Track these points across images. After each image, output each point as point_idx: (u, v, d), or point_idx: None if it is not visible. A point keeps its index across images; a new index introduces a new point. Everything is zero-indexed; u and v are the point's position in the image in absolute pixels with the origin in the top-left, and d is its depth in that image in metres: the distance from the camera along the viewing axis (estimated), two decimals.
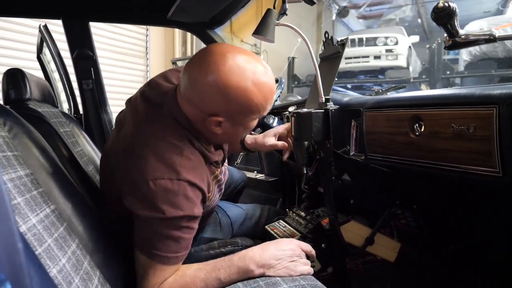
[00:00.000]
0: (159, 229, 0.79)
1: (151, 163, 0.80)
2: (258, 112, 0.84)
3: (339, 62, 1.08)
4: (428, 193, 1.02)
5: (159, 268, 0.82)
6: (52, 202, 0.77)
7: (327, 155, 1.00)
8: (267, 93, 0.82)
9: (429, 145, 0.86)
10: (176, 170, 0.80)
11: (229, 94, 0.78)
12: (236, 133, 0.90)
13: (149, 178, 0.78)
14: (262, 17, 0.99)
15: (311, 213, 1.27)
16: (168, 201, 0.78)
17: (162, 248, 0.80)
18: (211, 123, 0.83)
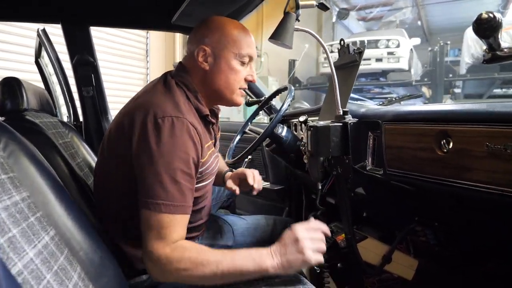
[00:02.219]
0: (164, 173, 0.82)
1: (156, 105, 0.87)
2: (235, 45, 0.98)
3: (356, 72, 1.02)
4: (453, 212, 0.96)
5: (169, 220, 0.83)
6: (51, 226, 0.70)
7: (345, 171, 0.94)
8: (243, 30, 1.00)
9: (458, 163, 0.80)
10: (180, 110, 0.88)
11: (211, 26, 1.00)
12: (221, 71, 0.99)
13: (157, 115, 0.84)
14: (281, 21, 0.93)
15: None
16: (174, 137, 0.84)
17: (168, 197, 0.82)
18: (199, 54, 0.97)
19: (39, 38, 1.73)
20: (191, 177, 0.88)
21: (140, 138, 0.85)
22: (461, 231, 1.04)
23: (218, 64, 0.99)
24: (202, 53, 0.98)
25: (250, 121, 1.59)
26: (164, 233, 0.82)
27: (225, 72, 0.99)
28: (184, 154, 0.85)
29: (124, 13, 1.46)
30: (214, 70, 0.99)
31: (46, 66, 2.03)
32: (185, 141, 0.85)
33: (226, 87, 1.01)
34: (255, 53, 1.04)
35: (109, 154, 0.98)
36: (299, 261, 0.82)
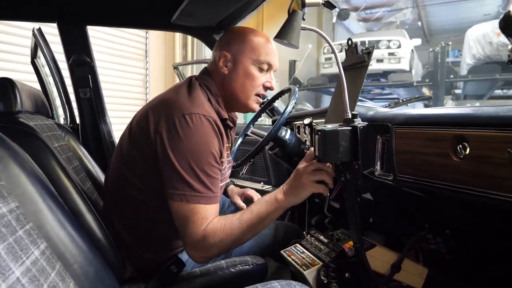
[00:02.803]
0: (197, 166, 0.88)
1: (182, 103, 0.94)
2: (254, 51, 1.03)
3: (365, 73, 0.97)
4: (466, 220, 0.91)
5: (200, 209, 0.89)
6: (42, 239, 0.65)
7: (354, 177, 0.89)
8: (264, 39, 1.06)
9: (475, 170, 0.75)
10: (207, 110, 0.95)
11: (234, 33, 1.07)
12: (238, 75, 1.04)
13: (185, 112, 0.90)
14: (287, 20, 0.88)
15: (330, 236, 1.15)
16: (203, 133, 0.90)
17: (199, 188, 0.89)
18: (220, 59, 1.05)
19: (34, 38, 1.68)
20: (218, 170, 0.95)
21: (169, 135, 0.90)
22: (475, 239, 1.00)
23: (236, 69, 1.04)
24: (223, 58, 1.05)
25: (252, 124, 1.54)
26: (200, 222, 0.89)
27: (241, 77, 1.04)
28: (212, 149, 0.91)
29: (122, 12, 1.41)
30: (232, 74, 1.05)
31: (42, 67, 1.99)
32: (212, 137, 0.92)
33: (242, 91, 1.06)
34: (275, 62, 1.09)
35: (129, 155, 1.02)
36: (302, 190, 0.94)
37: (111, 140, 1.68)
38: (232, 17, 1.45)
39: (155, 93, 4.78)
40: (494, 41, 5.90)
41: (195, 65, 4.78)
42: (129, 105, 4.40)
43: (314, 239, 1.16)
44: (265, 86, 1.09)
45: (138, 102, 4.52)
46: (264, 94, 1.11)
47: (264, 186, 2.08)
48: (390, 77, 6.99)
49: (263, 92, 1.10)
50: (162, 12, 1.39)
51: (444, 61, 6.55)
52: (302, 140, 1.43)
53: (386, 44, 6.76)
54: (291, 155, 1.33)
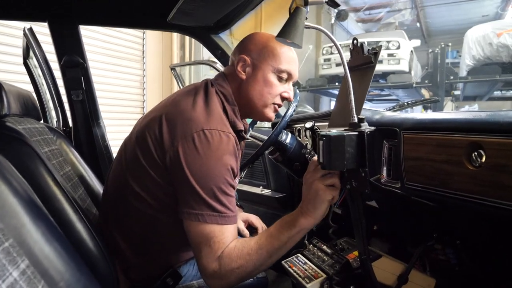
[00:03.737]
0: (215, 186, 0.84)
1: (201, 115, 0.89)
2: (274, 59, 0.99)
3: (371, 74, 0.92)
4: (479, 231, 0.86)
5: (217, 231, 0.84)
6: (23, 256, 0.60)
7: (360, 185, 0.83)
8: (286, 48, 1.01)
9: (493, 180, 0.70)
10: (225, 125, 0.91)
11: (255, 38, 1.03)
12: (256, 81, 1.00)
13: (204, 127, 0.85)
14: (290, 18, 0.82)
15: (333, 246, 1.10)
16: (221, 150, 0.85)
17: (217, 207, 0.84)
18: (239, 63, 1.01)
19: (25, 38, 1.63)
20: (234, 188, 0.90)
21: (187, 150, 0.85)
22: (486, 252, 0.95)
23: (255, 75, 1.00)
24: (242, 62, 1.01)
25: (251, 127, 1.48)
26: (217, 246, 0.84)
27: (260, 84, 1.01)
28: (229, 167, 0.87)
29: (116, 11, 1.36)
30: (250, 80, 1.01)
31: (35, 68, 1.93)
32: (231, 155, 0.88)
33: (259, 98, 1.02)
34: (295, 72, 1.04)
35: (134, 160, 0.96)
36: (319, 201, 0.85)
37: (105, 143, 1.62)
38: (230, 17, 1.40)
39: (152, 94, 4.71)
40: (494, 42, 5.88)
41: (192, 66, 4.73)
42: (126, 107, 4.34)
43: (316, 249, 1.11)
44: (283, 96, 1.05)
45: (135, 103, 4.46)
46: (281, 104, 1.07)
47: (263, 190, 2.02)
48: (390, 78, 6.96)
49: (280, 102, 1.06)
50: (157, 11, 1.34)
51: (443, 62, 6.53)
52: (303, 144, 1.37)
53: (385, 45, 6.73)
54: (291, 160, 1.28)
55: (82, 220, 0.95)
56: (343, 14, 9.52)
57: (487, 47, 5.98)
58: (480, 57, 6.10)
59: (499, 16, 10.39)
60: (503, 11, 10.22)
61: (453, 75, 6.78)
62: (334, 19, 9.91)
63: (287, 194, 1.90)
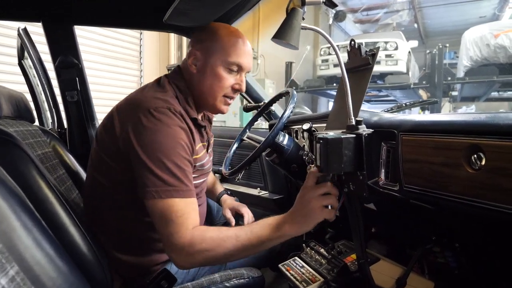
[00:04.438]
0: (168, 160, 0.84)
1: (148, 98, 0.91)
2: (224, 52, 0.99)
3: (369, 76, 0.91)
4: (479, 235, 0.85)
5: (183, 205, 0.85)
6: (13, 262, 0.58)
7: (358, 188, 0.82)
8: (237, 39, 1.01)
9: (492, 183, 0.69)
10: (172, 103, 0.92)
11: (206, 31, 1.03)
12: (206, 75, 1.01)
13: (151, 107, 0.87)
14: (286, 18, 0.81)
15: (331, 249, 1.09)
16: (170, 125, 0.87)
17: (169, 181, 0.84)
18: (190, 57, 1.02)
19: (20, 38, 1.61)
20: (190, 163, 0.91)
21: (135, 131, 0.86)
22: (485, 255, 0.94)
23: (204, 69, 1.01)
24: (193, 56, 1.02)
25: (248, 128, 1.47)
26: (181, 220, 0.84)
27: (209, 78, 1.01)
28: (181, 141, 0.88)
29: (111, 11, 1.34)
30: (200, 74, 1.02)
31: (30, 68, 1.91)
32: (180, 129, 0.89)
33: (209, 92, 1.02)
34: (246, 63, 1.03)
35: (97, 159, 0.98)
36: (311, 218, 0.83)
37: None
38: (227, 17, 1.38)
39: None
40: (491, 43, 5.89)
41: None
42: None
43: (314, 252, 1.09)
44: (234, 88, 1.05)
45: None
46: (233, 96, 1.07)
47: (260, 192, 2.01)
48: (387, 79, 6.96)
49: (232, 94, 1.06)
50: (153, 11, 1.32)
51: (441, 63, 6.54)
52: (301, 145, 1.36)
53: (383, 46, 6.73)
54: (289, 162, 1.27)
55: (76, 223, 0.93)
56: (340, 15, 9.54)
57: (484, 48, 5.99)
58: (477, 58, 6.11)
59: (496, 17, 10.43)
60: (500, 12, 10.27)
61: (451, 76, 6.78)
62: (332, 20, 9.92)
63: (285, 195, 1.89)
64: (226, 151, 1.46)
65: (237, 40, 1.01)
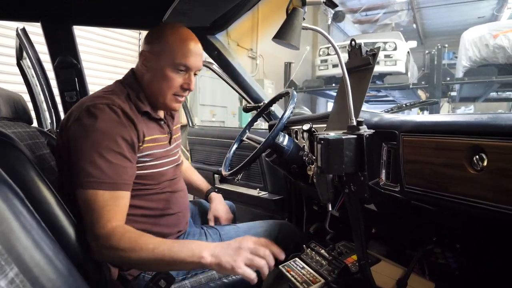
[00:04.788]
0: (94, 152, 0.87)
1: (91, 98, 0.96)
2: (170, 54, 1.01)
3: (369, 76, 0.91)
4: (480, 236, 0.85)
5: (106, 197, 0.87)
6: (12, 264, 0.58)
7: (359, 189, 0.82)
8: (184, 40, 1.02)
9: (495, 184, 0.68)
10: (111, 99, 0.95)
11: (155, 32, 1.05)
12: (154, 76, 1.03)
13: (89, 104, 0.92)
14: (287, 19, 0.81)
15: (331, 250, 1.09)
16: (104, 119, 0.90)
17: (101, 174, 0.87)
18: (141, 58, 1.06)
19: (18, 38, 1.60)
20: (123, 157, 0.92)
21: (73, 128, 0.91)
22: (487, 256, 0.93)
23: (153, 70, 1.04)
24: (143, 57, 1.05)
25: (248, 129, 1.47)
26: (102, 212, 0.87)
27: (158, 78, 1.04)
28: (115, 135, 0.90)
29: (110, 11, 1.33)
30: (149, 75, 1.05)
31: (29, 68, 1.90)
32: (115, 123, 0.92)
33: (158, 93, 1.05)
34: (193, 63, 1.05)
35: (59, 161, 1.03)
36: (230, 265, 0.82)
37: None
38: (227, 17, 1.38)
39: None
40: (490, 44, 5.89)
41: None
42: None
43: (314, 253, 1.09)
44: (183, 87, 1.06)
45: None
46: (182, 95, 1.09)
47: (260, 192, 2.00)
48: (386, 79, 6.96)
49: (181, 93, 1.08)
50: (153, 11, 1.31)
51: (440, 63, 6.54)
52: (301, 146, 1.36)
53: (382, 47, 6.71)
54: (289, 162, 1.27)
55: (74, 224, 0.92)
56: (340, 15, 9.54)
57: (483, 48, 5.99)
58: (476, 59, 6.11)
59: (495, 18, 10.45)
60: (498, 12, 10.29)
61: (450, 76, 6.78)
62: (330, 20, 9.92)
63: (284, 196, 1.88)
64: (225, 151, 1.46)
65: (184, 41, 1.03)
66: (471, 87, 7.18)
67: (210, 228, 1.29)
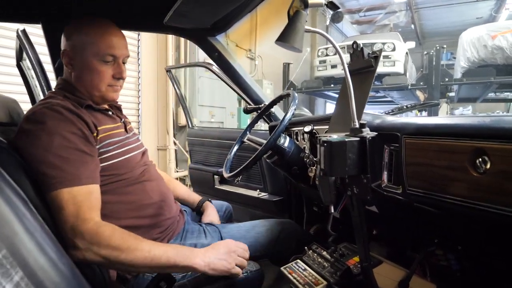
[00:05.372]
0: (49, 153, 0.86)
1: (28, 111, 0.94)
2: (93, 46, 0.99)
3: (372, 78, 0.92)
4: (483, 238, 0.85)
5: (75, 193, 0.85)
6: (17, 267, 0.58)
7: (362, 191, 0.82)
8: (104, 30, 1.01)
9: (498, 187, 0.69)
10: (48, 102, 0.94)
11: (72, 27, 1.03)
12: (83, 72, 1.02)
13: (28, 114, 0.91)
14: (289, 21, 0.81)
15: (333, 251, 1.09)
16: (47, 120, 0.88)
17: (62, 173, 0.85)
18: (64, 58, 1.03)
19: (18, 39, 1.60)
20: (79, 151, 0.90)
21: (19, 138, 0.89)
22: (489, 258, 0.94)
23: (80, 66, 1.02)
24: (66, 57, 1.02)
25: (248, 130, 1.47)
26: (76, 208, 0.84)
27: (87, 73, 1.02)
28: (61, 132, 0.89)
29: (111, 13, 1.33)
30: (78, 71, 1.03)
31: (28, 70, 1.89)
32: (59, 121, 0.90)
33: (92, 87, 1.03)
34: (118, 52, 1.04)
35: None
36: (225, 267, 0.93)
37: None
38: (227, 19, 1.38)
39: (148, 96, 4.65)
40: (488, 44, 5.90)
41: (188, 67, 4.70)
42: None
43: (316, 255, 1.09)
44: (115, 76, 1.06)
45: (130, 105, 4.42)
46: (117, 84, 1.08)
47: (260, 193, 2.00)
48: (385, 80, 6.96)
49: (115, 83, 1.07)
50: (154, 13, 1.31)
51: (438, 64, 6.54)
52: (301, 147, 1.36)
53: (381, 47, 6.73)
54: (290, 164, 1.27)
55: None
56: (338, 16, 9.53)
57: (481, 49, 6.00)
58: (474, 59, 6.12)
59: (493, 19, 10.47)
60: (497, 13, 10.30)
61: (448, 77, 6.78)
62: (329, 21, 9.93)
63: (284, 197, 1.88)
64: (225, 152, 1.46)
65: (105, 31, 1.02)
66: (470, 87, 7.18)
67: (209, 225, 1.28)
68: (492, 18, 10.48)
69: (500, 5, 9.78)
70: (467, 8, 9.91)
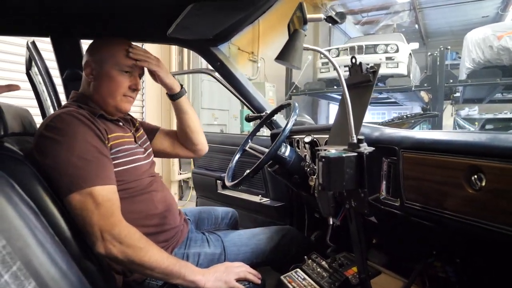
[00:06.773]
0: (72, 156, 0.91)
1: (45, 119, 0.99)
2: (114, 57, 1.08)
3: (370, 93, 0.93)
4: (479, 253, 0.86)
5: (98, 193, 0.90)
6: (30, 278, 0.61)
7: (360, 205, 0.84)
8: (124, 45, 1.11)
9: (493, 204, 0.70)
10: (68, 109, 1.00)
11: (96, 43, 1.14)
12: (102, 81, 1.09)
13: (47, 122, 0.96)
14: (288, 40, 0.83)
15: (332, 261, 1.10)
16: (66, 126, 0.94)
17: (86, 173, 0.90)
18: (86, 69, 1.11)
19: (28, 51, 1.63)
20: (101, 154, 0.96)
21: (40, 143, 0.94)
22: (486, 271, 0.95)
23: (100, 76, 1.10)
24: (88, 67, 1.11)
25: (250, 138, 1.49)
26: (107, 207, 0.90)
27: (106, 82, 1.09)
28: (82, 134, 0.95)
29: (116, 25, 1.36)
30: (97, 81, 1.10)
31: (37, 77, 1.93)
32: (78, 125, 0.96)
33: (108, 95, 1.10)
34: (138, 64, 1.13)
35: None
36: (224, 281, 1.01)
37: None
38: (229, 30, 1.40)
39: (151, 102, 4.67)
40: (494, 45, 5.83)
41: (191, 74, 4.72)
42: None
43: (316, 265, 1.11)
44: (131, 88, 1.13)
45: (135, 109, 4.46)
46: (132, 96, 1.15)
47: (262, 199, 2.02)
48: (388, 81, 6.94)
49: (131, 94, 1.14)
50: (157, 25, 1.34)
51: (443, 65, 6.49)
52: (302, 156, 1.38)
53: (384, 49, 6.69)
54: (291, 173, 1.29)
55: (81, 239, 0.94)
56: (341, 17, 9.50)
57: (487, 50, 5.92)
58: (480, 60, 6.05)
59: (499, 17, 10.33)
60: (503, 12, 10.14)
61: (453, 78, 6.72)
62: None
63: (286, 203, 1.90)
64: (227, 158, 1.48)
65: (124, 47, 1.11)
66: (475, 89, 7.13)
67: (212, 234, 1.30)
68: (499, 17, 10.34)
69: (507, 3, 9.61)
70: (472, 6, 9.80)
